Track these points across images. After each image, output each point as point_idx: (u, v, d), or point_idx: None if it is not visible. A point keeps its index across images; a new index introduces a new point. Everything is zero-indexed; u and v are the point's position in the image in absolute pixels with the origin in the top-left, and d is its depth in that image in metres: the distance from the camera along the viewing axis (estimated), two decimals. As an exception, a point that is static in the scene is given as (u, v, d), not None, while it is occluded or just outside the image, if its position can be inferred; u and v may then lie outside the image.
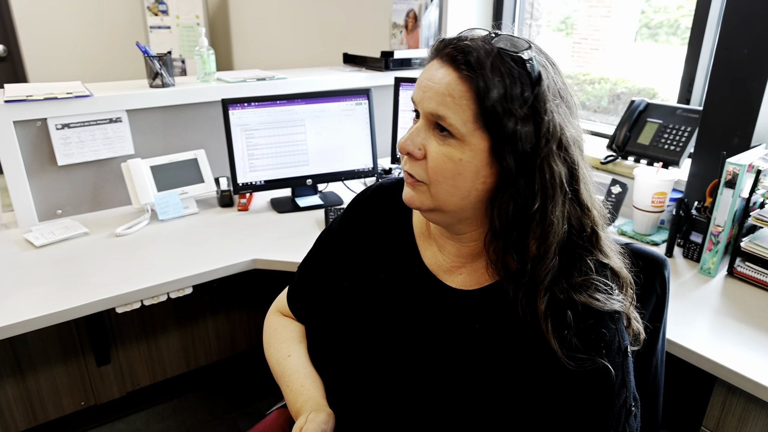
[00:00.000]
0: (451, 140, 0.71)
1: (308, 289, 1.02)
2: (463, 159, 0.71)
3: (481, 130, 0.70)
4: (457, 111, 0.69)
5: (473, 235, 0.80)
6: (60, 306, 1.25)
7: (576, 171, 0.73)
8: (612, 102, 2.26)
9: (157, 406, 2.06)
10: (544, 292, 0.73)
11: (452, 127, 0.70)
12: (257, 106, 1.78)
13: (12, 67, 4.15)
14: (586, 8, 2.44)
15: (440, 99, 0.70)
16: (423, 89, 0.73)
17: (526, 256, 0.73)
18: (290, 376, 0.95)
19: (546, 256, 0.72)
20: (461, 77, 0.69)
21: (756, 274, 1.31)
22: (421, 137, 0.74)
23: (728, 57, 1.39)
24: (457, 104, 0.69)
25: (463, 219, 0.78)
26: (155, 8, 4.10)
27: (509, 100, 0.68)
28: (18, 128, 1.65)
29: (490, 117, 0.68)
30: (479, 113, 0.69)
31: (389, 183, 0.97)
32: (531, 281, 0.74)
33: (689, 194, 1.53)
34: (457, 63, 0.70)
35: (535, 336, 0.76)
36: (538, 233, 0.72)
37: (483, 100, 0.68)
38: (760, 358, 1.04)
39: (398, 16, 2.53)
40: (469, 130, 0.70)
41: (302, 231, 1.67)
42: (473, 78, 0.68)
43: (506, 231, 0.73)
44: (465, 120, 0.69)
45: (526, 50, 0.70)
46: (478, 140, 0.70)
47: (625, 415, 0.75)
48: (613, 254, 0.78)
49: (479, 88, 0.68)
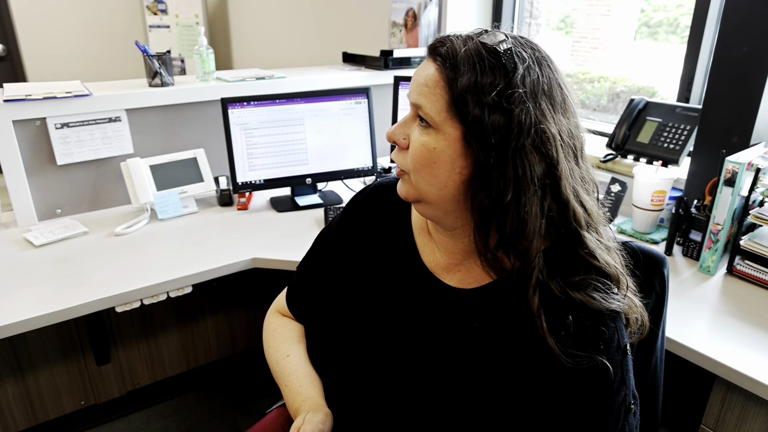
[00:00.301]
0: (429, 130, 0.74)
1: (307, 289, 1.02)
2: (437, 148, 0.73)
3: (454, 119, 0.71)
4: (432, 100, 0.72)
5: (464, 231, 0.80)
6: (60, 305, 1.25)
7: (555, 167, 0.72)
8: (611, 100, 2.26)
9: (156, 405, 2.06)
10: (533, 289, 0.73)
11: (428, 116, 0.73)
12: (256, 105, 1.78)
13: (11, 66, 4.15)
14: (586, 7, 2.44)
15: (419, 89, 0.74)
16: (413, 82, 0.77)
17: (510, 250, 0.73)
18: (289, 376, 0.95)
19: (528, 250, 0.72)
20: (437, 68, 0.73)
21: (755, 272, 1.31)
22: (406, 127, 0.78)
23: (727, 55, 1.39)
24: (432, 93, 0.72)
25: (448, 212, 0.78)
26: (154, 7, 4.10)
27: (479, 89, 0.69)
28: (17, 127, 1.65)
29: (459, 104, 0.70)
30: (450, 101, 0.71)
31: (388, 182, 0.97)
32: (519, 277, 0.74)
33: (689, 192, 1.53)
34: (435, 53, 0.74)
35: (534, 334, 0.76)
36: (515, 225, 0.71)
37: (452, 88, 0.70)
38: (759, 356, 1.04)
39: (398, 14, 2.53)
40: (443, 118, 0.72)
41: (302, 230, 1.67)
42: (444, 67, 0.71)
43: (483, 222, 0.74)
44: (439, 109, 0.72)
45: (503, 42, 0.71)
46: (451, 129, 0.72)
47: (624, 413, 0.75)
48: (600, 250, 0.77)
49: (449, 77, 0.71)
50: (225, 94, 1.92)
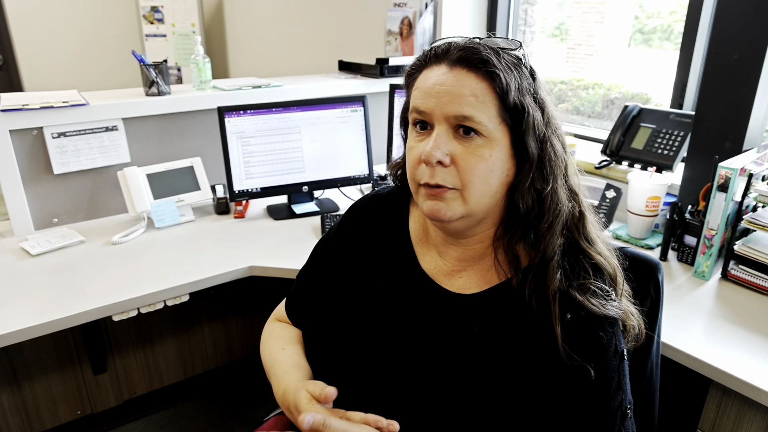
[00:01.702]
0: (477, 139, 0.73)
1: (307, 297, 1.02)
2: (492, 155, 0.74)
3: (504, 124, 0.74)
4: (483, 109, 0.72)
5: (482, 236, 0.82)
6: (56, 315, 1.25)
7: (565, 153, 0.79)
8: (606, 107, 2.27)
9: (154, 414, 2.05)
10: (555, 269, 0.76)
11: (480, 125, 0.73)
12: (253, 113, 1.79)
13: (8, 76, 4.15)
14: (580, 14, 2.46)
15: (463, 100, 0.72)
16: (437, 95, 0.74)
17: (542, 238, 0.76)
18: (278, 366, 0.93)
19: (554, 234, 0.76)
20: (480, 76, 0.73)
21: (749, 277, 1.32)
22: (446, 143, 0.74)
23: (719, 62, 1.40)
24: (481, 102, 0.72)
25: (483, 220, 0.80)
26: (151, 16, 4.11)
27: (522, 93, 0.73)
28: (14, 137, 1.65)
29: (511, 110, 0.73)
30: (502, 108, 0.73)
31: (385, 192, 0.98)
32: (541, 261, 0.76)
33: (683, 198, 1.54)
34: (472, 63, 0.73)
35: (534, 339, 0.76)
36: (551, 214, 0.76)
37: (505, 95, 0.72)
38: (754, 361, 1.05)
39: (393, 23, 2.55)
40: (495, 125, 0.73)
41: (298, 238, 1.68)
42: (492, 75, 0.72)
43: (527, 216, 0.77)
44: (490, 116, 0.73)
45: (519, 48, 0.76)
46: (502, 135, 0.74)
47: (620, 418, 0.76)
48: (599, 242, 0.81)
49: (500, 84, 0.72)
50: (221, 102, 1.92)
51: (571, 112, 2.32)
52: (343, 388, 0.91)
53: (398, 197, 0.95)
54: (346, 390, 0.91)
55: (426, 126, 0.77)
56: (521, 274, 0.78)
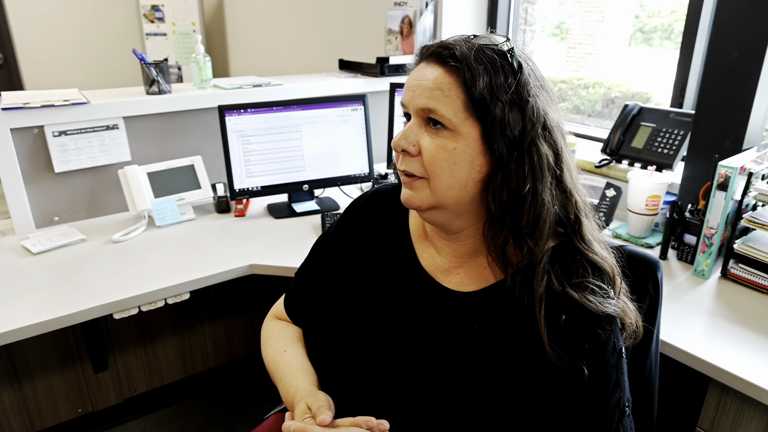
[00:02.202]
0: (443, 132, 0.74)
1: (306, 294, 1.02)
2: (457, 148, 0.74)
3: (472, 118, 0.73)
4: (447, 102, 0.73)
5: (470, 232, 0.82)
6: (57, 313, 1.25)
7: (560, 154, 0.77)
8: (606, 106, 2.27)
9: (154, 412, 2.05)
10: (541, 274, 0.76)
11: (444, 118, 0.73)
12: (254, 112, 1.79)
13: (8, 74, 4.15)
14: (581, 13, 2.46)
15: (429, 93, 0.74)
16: (412, 89, 0.76)
17: (523, 241, 0.76)
18: (283, 370, 0.94)
19: (540, 240, 0.75)
20: (448, 70, 0.73)
21: (749, 276, 1.32)
22: (414, 134, 0.77)
23: (719, 61, 1.40)
24: (446, 96, 0.73)
25: (461, 213, 0.79)
26: (151, 15, 4.11)
27: (495, 88, 0.72)
28: (15, 135, 1.65)
29: (478, 105, 0.72)
30: (468, 102, 0.73)
31: (386, 189, 0.98)
32: (528, 267, 0.76)
33: (683, 197, 1.54)
34: (443, 58, 0.74)
35: (532, 336, 0.77)
36: (532, 216, 0.75)
37: (470, 89, 0.72)
38: (753, 359, 1.05)
39: (393, 22, 2.55)
40: (460, 119, 0.73)
41: (299, 236, 1.68)
42: (459, 69, 0.72)
43: (502, 216, 0.76)
44: (455, 110, 0.73)
45: (505, 43, 0.75)
46: (469, 129, 0.73)
47: (618, 415, 0.76)
48: (596, 243, 0.81)
49: (466, 78, 0.72)
50: (222, 101, 1.93)
51: (571, 111, 2.32)
52: (343, 384, 0.92)
53: (398, 194, 0.95)
54: (345, 387, 0.92)
55: (409, 118, 0.79)
56: (510, 276, 0.78)
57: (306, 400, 0.83)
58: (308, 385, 0.90)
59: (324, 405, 0.81)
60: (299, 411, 0.82)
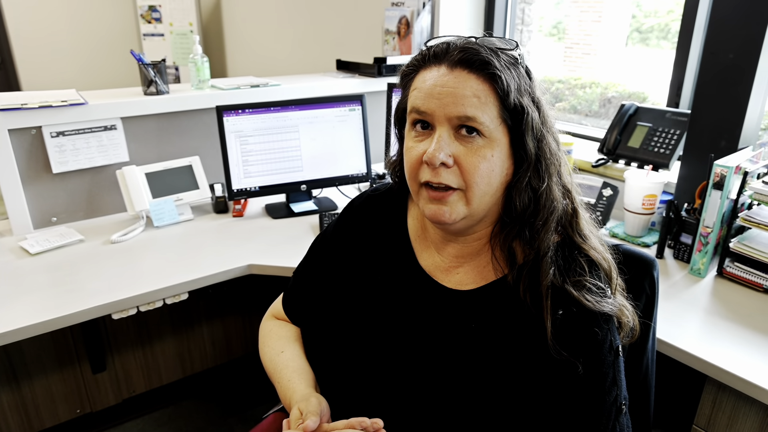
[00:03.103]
0: (478, 140, 0.74)
1: (304, 293, 1.03)
2: (494, 155, 0.75)
3: (504, 124, 0.75)
4: (485, 110, 0.73)
5: (480, 234, 0.83)
6: (55, 313, 1.25)
7: (558, 152, 0.80)
8: (603, 106, 2.28)
9: (153, 412, 2.05)
10: (548, 265, 0.77)
11: (482, 126, 0.73)
12: (251, 112, 1.79)
13: (5, 75, 4.15)
14: (578, 13, 2.46)
15: (466, 101, 0.73)
16: (438, 96, 0.74)
17: (536, 235, 0.78)
18: (281, 371, 0.95)
19: (548, 230, 0.78)
20: (481, 77, 0.74)
21: (745, 274, 1.33)
22: (448, 145, 0.75)
23: (715, 61, 1.41)
24: (483, 103, 0.73)
25: (482, 218, 0.81)
26: (148, 16, 4.11)
27: (521, 93, 0.74)
28: (13, 136, 1.65)
29: (512, 111, 0.74)
30: (503, 108, 0.74)
31: (383, 188, 0.98)
32: (535, 257, 0.78)
33: (679, 196, 1.55)
34: (473, 65, 0.74)
35: (530, 334, 0.77)
36: (546, 211, 0.77)
37: (505, 96, 0.73)
38: (749, 357, 1.06)
39: (390, 22, 2.55)
40: (495, 126, 0.74)
41: (297, 236, 1.68)
42: (494, 77, 0.73)
43: (523, 214, 0.78)
44: (492, 117, 0.74)
45: (516, 48, 0.77)
46: (502, 135, 0.75)
47: (615, 413, 0.77)
48: (593, 237, 0.82)
49: (500, 86, 0.73)
50: (220, 101, 1.93)
51: (568, 110, 2.33)
52: (341, 383, 0.92)
53: (396, 194, 0.95)
54: (343, 385, 0.92)
55: (427, 126, 0.77)
56: (516, 270, 0.79)
57: (299, 405, 0.83)
58: (304, 388, 0.90)
59: (314, 411, 0.81)
60: (293, 417, 0.82)
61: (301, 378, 0.93)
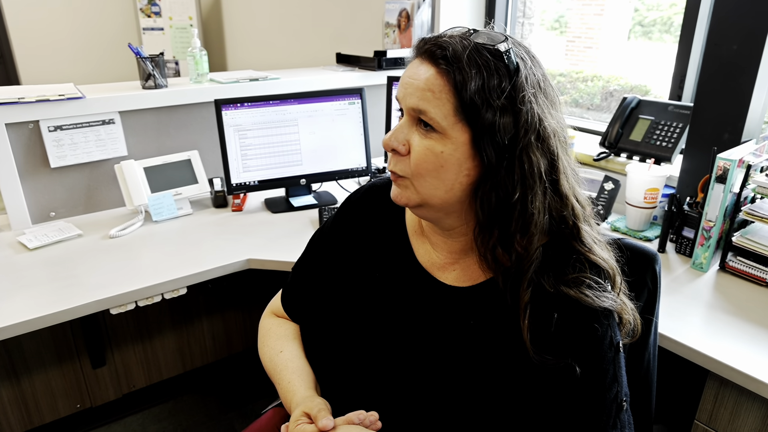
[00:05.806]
0: (433, 134, 0.73)
1: (303, 289, 1.02)
2: (444, 152, 0.72)
3: (462, 122, 0.71)
4: (437, 105, 0.71)
5: (462, 230, 0.81)
6: (54, 308, 1.25)
7: (556, 162, 0.74)
8: (605, 99, 2.27)
9: (153, 407, 2.06)
10: (527, 283, 0.74)
11: (433, 121, 0.71)
12: (250, 106, 1.78)
13: (4, 69, 4.14)
14: (580, 6, 2.45)
15: (421, 94, 0.72)
16: (405, 86, 0.75)
17: (512, 248, 0.74)
18: (281, 372, 0.94)
19: (529, 246, 0.74)
20: (439, 71, 0.71)
21: (747, 269, 1.32)
22: (405, 133, 0.76)
23: (718, 53, 1.39)
24: (437, 98, 0.71)
25: (450, 213, 0.78)
26: (148, 10, 4.09)
27: (487, 92, 0.69)
28: (10, 130, 1.65)
29: (469, 109, 0.70)
30: (458, 106, 0.70)
31: (382, 182, 0.97)
32: (516, 272, 0.75)
33: (681, 190, 1.54)
34: (435, 58, 0.71)
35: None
36: (520, 223, 0.73)
37: (461, 93, 0.69)
38: (751, 352, 1.05)
39: (391, 15, 2.54)
40: (450, 123, 0.71)
41: (296, 231, 1.67)
42: (450, 71, 0.70)
43: (490, 222, 0.74)
44: (445, 113, 0.71)
45: (503, 43, 0.71)
46: (459, 133, 0.71)
47: (616, 410, 0.76)
48: (596, 246, 0.79)
49: (457, 81, 0.69)
50: (219, 95, 1.92)
51: (570, 104, 2.31)
52: (340, 378, 0.92)
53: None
54: (342, 381, 0.91)
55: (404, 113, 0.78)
56: (502, 274, 0.77)
57: (302, 408, 0.82)
58: (304, 390, 0.90)
59: (323, 408, 0.80)
60: (293, 419, 0.82)
61: (301, 379, 0.92)
